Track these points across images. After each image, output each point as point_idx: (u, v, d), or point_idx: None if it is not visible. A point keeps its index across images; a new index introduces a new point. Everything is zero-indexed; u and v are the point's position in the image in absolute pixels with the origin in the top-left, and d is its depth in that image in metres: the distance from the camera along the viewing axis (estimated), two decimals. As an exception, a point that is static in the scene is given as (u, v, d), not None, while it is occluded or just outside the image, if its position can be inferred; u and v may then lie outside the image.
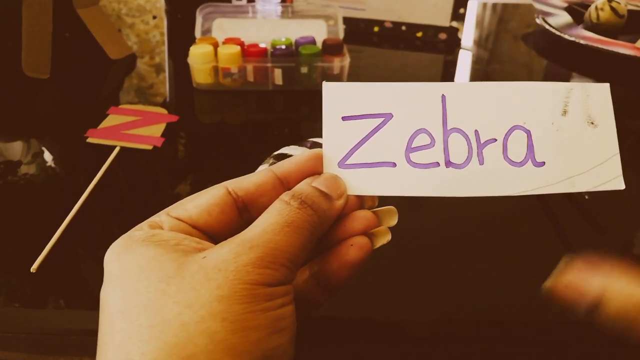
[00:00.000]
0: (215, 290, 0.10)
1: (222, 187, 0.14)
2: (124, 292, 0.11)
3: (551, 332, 0.20)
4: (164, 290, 0.11)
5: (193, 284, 0.11)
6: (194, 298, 0.10)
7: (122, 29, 0.55)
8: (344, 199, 0.13)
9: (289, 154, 0.24)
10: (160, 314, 0.10)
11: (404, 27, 0.53)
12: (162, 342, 0.10)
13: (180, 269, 0.11)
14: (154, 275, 0.11)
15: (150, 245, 0.12)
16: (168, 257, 0.11)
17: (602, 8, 0.53)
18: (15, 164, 0.31)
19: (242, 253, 0.11)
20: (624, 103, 0.44)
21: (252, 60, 0.39)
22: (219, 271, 0.11)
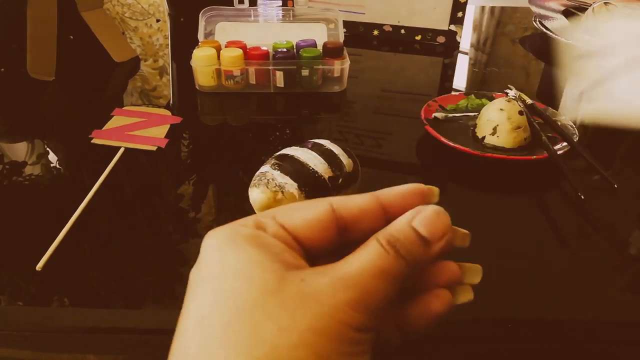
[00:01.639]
0: (311, 320, 0.10)
1: (327, 204, 0.13)
2: (220, 288, 0.11)
3: (551, 331, 0.20)
4: (263, 303, 0.10)
5: (291, 307, 0.10)
6: (291, 322, 0.10)
7: (126, 32, 0.56)
8: (444, 241, 0.12)
9: (290, 154, 0.24)
10: (253, 326, 0.10)
11: (403, 31, 0.54)
12: (251, 356, 0.10)
13: (281, 285, 0.11)
14: (255, 283, 0.11)
15: (254, 247, 0.11)
16: (271, 266, 0.11)
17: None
18: (20, 164, 0.32)
19: (339, 290, 0.11)
20: (620, 105, 0.45)
21: (254, 63, 0.40)
22: (317, 302, 0.10)
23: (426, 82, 0.47)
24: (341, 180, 0.24)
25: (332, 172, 0.23)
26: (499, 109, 0.32)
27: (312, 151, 0.24)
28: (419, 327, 0.13)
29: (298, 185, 0.22)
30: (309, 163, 0.23)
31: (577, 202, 0.27)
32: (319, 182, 0.23)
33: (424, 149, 0.34)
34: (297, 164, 0.23)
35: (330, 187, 0.23)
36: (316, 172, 0.23)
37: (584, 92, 0.38)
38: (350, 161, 0.25)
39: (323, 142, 0.25)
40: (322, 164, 0.23)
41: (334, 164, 0.24)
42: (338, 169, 0.24)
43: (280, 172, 0.23)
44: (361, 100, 0.42)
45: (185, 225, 0.26)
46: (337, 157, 0.24)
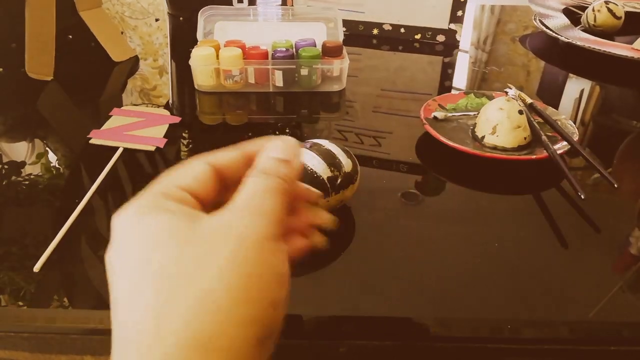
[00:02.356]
0: (231, 245, 0.12)
1: (204, 161, 0.15)
2: (143, 259, 0.12)
3: (551, 332, 0.20)
4: (182, 256, 0.12)
5: (209, 245, 0.12)
6: (212, 256, 0.12)
7: (125, 32, 0.56)
8: (297, 157, 0.15)
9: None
10: (182, 276, 0.11)
11: (402, 30, 0.54)
12: (189, 298, 0.11)
13: (193, 233, 0.12)
14: (170, 242, 0.12)
15: (161, 213, 0.13)
16: (179, 224, 0.12)
17: (599, 10, 0.54)
18: (19, 164, 0.32)
19: (244, 215, 0.13)
20: (620, 104, 0.45)
21: (253, 62, 0.40)
22: (229, 228, 0.12)
23: (426, 81, 0.46)
24: (340, 180, 0.24)
25: (331, 172, 0.23)
26: (498, 108, 0.32)
27: (311, 151, 0.24)
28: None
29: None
30: (307, 163, 0.23)
31: (577, 201, 0.27)
32: (318, 183, 0.23)
33: (423, 149, 0.34)
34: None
35: (329, 187, 0.23)
36: (315, 172, 0.23)
37: None
38: (350, 161, 0.24)
39: (322, 142, 0.25)
40: (320, 164, 0.23)
41: (332, 164, 0.24)
42: (337, 169, 0.24)
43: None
44: (361, 100, 0.42)
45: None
46: (335, 157, 0.24)
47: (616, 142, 0.36)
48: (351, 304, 0.21)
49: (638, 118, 0.40)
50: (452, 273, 0.23)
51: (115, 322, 0.13)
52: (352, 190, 0.25)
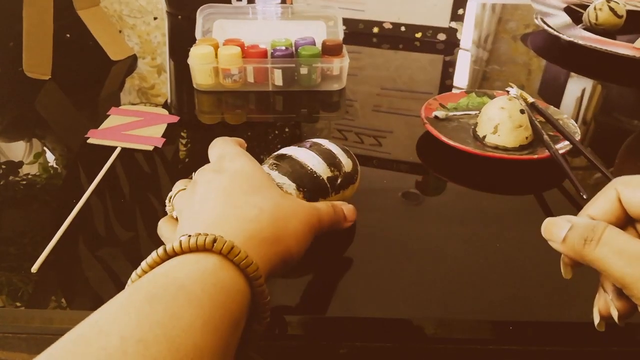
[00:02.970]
0: (301, 217, 0.19)
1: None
2: (250, 183, 0.19)
3: (552, 333, 0.20)
4: (281, 200, 0.19)
5: (297, 205, 0.19)
6: (297, 209, 0.19)
7: (123, 30, 0.56)
8: (348, 218, 0.23)
9: (288, 154, 0.23)
10: (279, 206, 0.18)
11: (403, 28, 0.53)
12: (273, 216, 0.18)
13: (288, 197, 0.20)
14: (274, 190, 0.19)
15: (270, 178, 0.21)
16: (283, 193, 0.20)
17: (600, 8, 0.53)
18: (16, 164, 0.32)
19: (315, 210, 0.20)
20: (622, 103, 0.44)
21: (252, 61, 0.39)
22: (308, 207, 0.20)
23: (426, 80, 0.46)
24: (340, 180, 0.23)
25: (331, 172, 0.23)
26: (500, 107, 0.31)
27: (311, 151, 0.23)
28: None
29: (296, 185, 0.22)
30: (307, 163, 0.23)
31: (579, 201, 0.27)
32: (318, 183, 0.22)
33: (424, 148, 0.34)
34: (295, 164, 0.22)
35: (329, 188, 0.23)
36: (315, 172, 0.23)
37: None
38: (350, 161, 0.24)
39: (322, 142, 0.24)
40: (320, 164, 0.23)
41: (333, 163, 0.23)
42: (337, 168, 0.23)
43: (279, 172, 0.22)
44: (361, 99, 0.41)
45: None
46: (336, 157, 0.24)
47: (618, 142, 0.36)
48: (351, 305, 0.21)
49: (639, 117, 0.40)
50: (453, 274, 0.23)
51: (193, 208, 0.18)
52: (352, 190, 0.24)
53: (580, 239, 0.15)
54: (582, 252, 0.15)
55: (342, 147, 0.25)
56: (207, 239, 0.15)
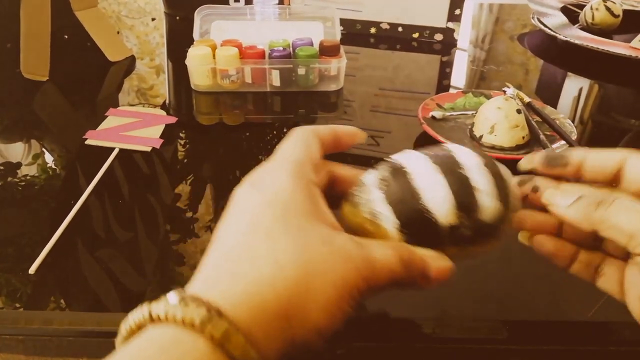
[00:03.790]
0: (340, 275, 0.14)
1: (319, 140, 0.17)
2: (282, 217, 0.14)
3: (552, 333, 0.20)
4: (321, 247, 0.14)
5: (335, 258, 0.14)
6: (330, 269, 0.13)
7: (122, 31, 0.56)
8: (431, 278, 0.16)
9: (405, 169, 0.16)
10: (318, 259, 0.13)
11: (400, 28, 0.53)
12: (298, 268, 0.13)
13: (333, 238, 0.14)
14: (318, 230, 0.14)
15: (311, 200, 0.15)
16: (325, 225, 0.15)
17: (597, 8, 0.54)
18: (15, 165, 0.32)
19: (367, 267, 0.14)
20: (618, 102, 0.45)
21: (250, 61, 0.40)
22: (349, 262, 0.14)
23: (424, 80, 0.46)
24: (468, 233, 0.15)
25: (457, 219, 0.15)
26: (496, 107, 0.31)
27: (439, 171, 0.15)
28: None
29: (400, 224, 0.15)
30: (423, 194, 0.15)
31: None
32: (429, 228, 0.15)
33: (421, 148, 0.34)
34: (407, 190, 0.15)
35: (446, 238, 0.15)
36: (428, 211, 0.15)
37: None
38: (498, 204, 0.15)
39: (462, 159, 0.15)
40: (444, 200, 0.15)
41: (465, 204, 0.15)
42: (469, 213, 0.15)
43: (385, 194, 0.15)
44: (358, 99, 0.41)
45: (182, 226, 0.26)
46: (473, 193, 0.15)
47: (615, 141, 0.36)
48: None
49: (636, 116, 0.40)
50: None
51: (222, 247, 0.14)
52: (487, 247, 0.16)
53: (593, 202, 0.14)
54: (592, 214, 0.14)
55: (496, 177, 0.15)
56: (198, 317, 0.11)
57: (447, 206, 0.15)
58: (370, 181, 0.16)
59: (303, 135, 0.17)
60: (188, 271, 0.24)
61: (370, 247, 0.14)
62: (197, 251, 0.25)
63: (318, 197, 0.15)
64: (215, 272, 0.13)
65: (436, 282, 0.15)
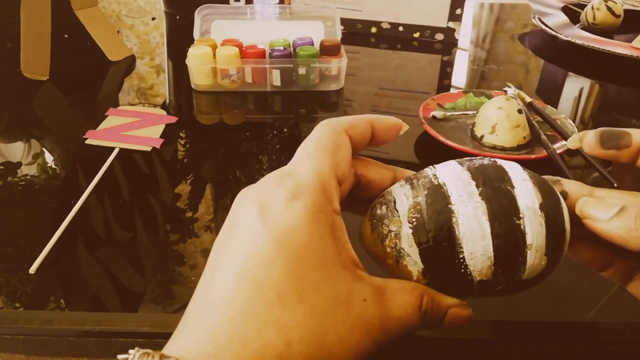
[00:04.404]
0: (358, 343, 0.12)
1: (347, 136, 0.14)
2: (297, 273, 0.12)
3: (552, 333, 0.20)
4: (333, 310, 0.12)
5: (352, 325, 0.12)
6: (346, 337, 0.12)
7: (122, 30, 0.55)
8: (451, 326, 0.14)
9: (447, 204, 0.13)
10: (324, 327, 0.12)
11: (401, 28, 0.53)
12: (311, 347, 0.11)
13: (350, 298, 0.12)
14: (330, 284, 0.12)
15: (332, 237, 0.12)
16: (344, 273, 0.12)
17: (598, 8, 0.53)
18: (15, 165, 0.32)
19: (383, 329, 0.12)
20: (619, 102, 0.45)
21: (251, 61, 0.39)
22: (368, 329, 0.12)
23: (424, 80, 0.46)
24: (500, 288, 0.13)
25: (491, 275, 0.13)
26: (497, 107, 0.31)
27: (488, 216, 0.12)
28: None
29: (424, 269, 0.13)
30: (464, 244, 0.12)
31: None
32: (459, 281, 0.13)
33: (422, 148, 0.34)
34: (444, 234, 0.13)
35: (475, 292, 0.13)
36: (465, 265, 0.13)
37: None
38: (544, 261, 0.13)
39: (520, 199, 0.13)
40: (484, 255, 0.12)
41: (508, 263, 0.12)
42: (508, 273, 0.13)
43: (414, 234, 0.13)
44: (359, 99, 0.41)
45: (182, 226, 0.26)
46: (522, 251, 0.12)
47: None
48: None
49: (637, 116, 0.40)
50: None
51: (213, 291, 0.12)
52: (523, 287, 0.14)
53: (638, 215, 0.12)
54: (637, 228, 0.12)
55: (552, 217, 0.13)
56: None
57: (487, 263, 0.12)
58: (401, 205, 0.13)
59: (332, 135, 0.14)
60: (188, 271, 0.24)
61: (389, 299, 0.12)
62: (197, 251, 0.25)
63: (338, 231, 0.13)
64: (214, 333, 0.11)
65: (448, 328, 0.14)
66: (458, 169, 0.14)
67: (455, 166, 0.14)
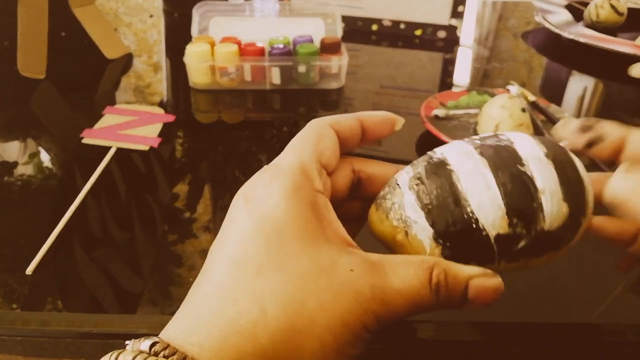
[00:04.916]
0: (345, 312, 0.11)
1: (332, 130, 0.15)
2: (274, 245, 0.12)
3: (553, 333, 0.20)
4: (315, 278, 0.11)
5: (336, 292, 0.11)
6: (330, 305, 0.11)
7: (119, 28, 0.55)
8: (478, 305, 0.12)
9: (448, 166, 0.13)
10: (302, 293, 0.11)
11: (402, 25, 0.53)
12: (288, 317, 0.11)
13: (334, 267, 0.12)
14: (313, 257, 0.12)
15: (314, 212, 0.12)
16: (328, 247, 0.12)
17: (601, 6, 0.53)
18: (11, 164, 0.31)
19: (377, 300, 0.12)
20: (623, 101, 0.44)
21: (250, 59, 0.39)
22: (356, 300, 0.11)
23: (426, 78, 0.46)
24: (524, 243, 0.12)
25: (507, 227, 0.12)
26: (500, 106, 0.31)
27: (489, 167, 0.12)
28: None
29: (434, 233, 0.12)
30: (470, 197, 0.12)
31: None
32: (474, 239, 0.12)
33: (424, 147, 0.33)
34: (446, 191, 0.12)
35: (496, 252, 0.12)
36: (473, 218, 0.12)
37: None
38: (564, 207, 0.12)
39: (520, 151, 0.12)
40: (494, 205, 0.12)
41: (521, 208, 0.12)
42: (525, 220, 0.12)
43: (417, 199, 0.13)
44: (360, 97, 0.41)
45: (180, 226, 0.26)
46: (533, 194, 0.12)
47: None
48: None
49: (642, 115, 0.40)
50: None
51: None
52: (548, 259, 0.13)
53: None
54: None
55: (561, 165, 0.12)
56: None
57: (499, 212, 0.12)
58: (402, 180, 0.13)
59: (315, 129, 0.14)
60: (186, 272, 0.23)
61: (387, 272, 0.12)
62: (195, 252, 0.24)
63: (323, 209, 0.13)
64: (196, 310, 0.12)
65: (478, 305, 0.12)
66: (456, 143, 0.14)
67: (453, 142, 0.14)
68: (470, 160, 0.13)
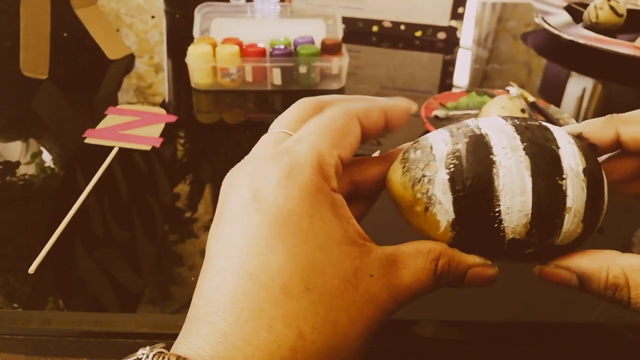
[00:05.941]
0: (369, 321, 0.12)
1: (358, 123, 0.14)
2: (298, 258, 0.11)
3: (553, 332, 0.20)
4: (342, 292, 0.11)
5: (360, 304, 0.11)
6: (357, 316, 0.11)
7: (121, 29, 0.55)
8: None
9: (490, 154, 0.12)
10: (333, 310, 0.11)
11: (403, 27, 0.53)
12: (323, 334, 0.11)
13: (356, 277, 0.11)
14: (337, 267, 0.11)
15: (334, 217, 0.12)
16: (350, 252, 0.12)
17: (601, 7, 0.53)
18: (13, 164, 0.31)
19: (391, 302, 0.12)
20: (622, 102, 0.44)
21: (251, 60, 0.39)
22: (377, 307, 0.12)
23: (426, 79, 0.46)
24: (531, 251, 0.12)
25: (525, 234, 0.12)
26: (500, 106, 0.31)
27: (531, 172, 0.12)
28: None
29: (455, 219, 0.12)
30: (502, 197, 0.12)
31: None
32: (491, 236, 0.12)
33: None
34: (483, 184, 0.12)
35: (504, 252, 0.13)
36: (500, 219, 0.12)
37: None
38: (580, 228, 0.12)
39: (565, 160, 0.12)
40: (522, 212, 0.12)
41: (544, 223, 0.12)
42: (542, 233, 0.12)
43: (451, 180, 0.12)
44: (360, 98, 0.41)
45: (181, 225, 0.26)
46: (560, 213, 0.12)
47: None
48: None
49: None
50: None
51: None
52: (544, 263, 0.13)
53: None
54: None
55: (593, 184, 0.12)
56: None
57: (523, 220, 0.11)
58: (438, 151, 0.12)
59: (343, 119, 0.13)
60: (187, 272, 0.23)
61: (399, 267, 0.12)
62: (196, 251, 0.25)
63: (340, 208, 0.12)
64: (223, 332, 0.10)
65: (469, 287, 0.13)
66: (501, 122, 0.13)
67: (499, 120, 0.13)
68: (514, 156, 0.12)
